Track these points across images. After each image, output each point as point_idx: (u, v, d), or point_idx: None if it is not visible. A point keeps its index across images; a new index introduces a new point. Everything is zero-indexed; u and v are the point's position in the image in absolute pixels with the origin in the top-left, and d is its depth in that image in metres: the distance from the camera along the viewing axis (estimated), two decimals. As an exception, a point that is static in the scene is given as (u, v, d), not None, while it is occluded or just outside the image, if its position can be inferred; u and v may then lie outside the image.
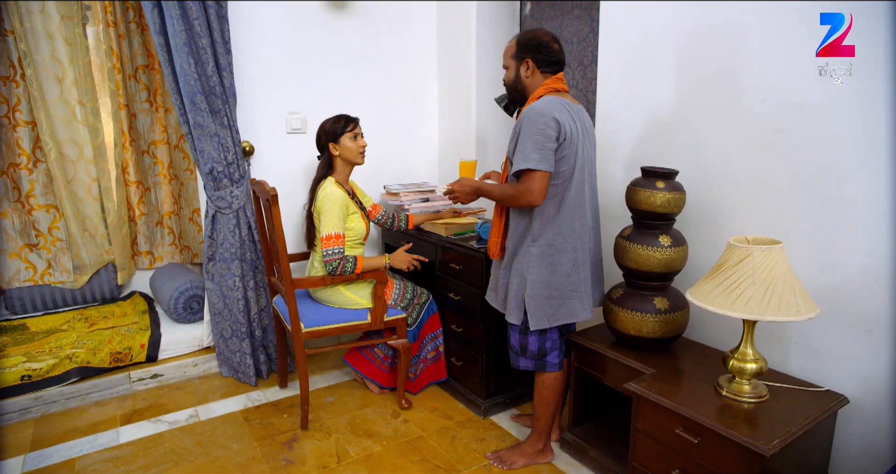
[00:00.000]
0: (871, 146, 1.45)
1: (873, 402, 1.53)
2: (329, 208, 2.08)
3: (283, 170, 2.71)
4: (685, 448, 1.50)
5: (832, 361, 1.61)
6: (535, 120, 1.64)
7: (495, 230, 1.86)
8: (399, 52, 2.98)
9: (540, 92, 1.74)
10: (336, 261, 2.09)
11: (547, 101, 1.69)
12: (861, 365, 1.54)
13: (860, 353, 1.54)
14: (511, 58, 1.79)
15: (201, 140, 2.37)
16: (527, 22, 2.88)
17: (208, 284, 2.59)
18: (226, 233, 2.48)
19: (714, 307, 1.45)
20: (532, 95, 1.76)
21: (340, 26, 2.76)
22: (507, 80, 1.83)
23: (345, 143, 2.17)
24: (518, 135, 1.68)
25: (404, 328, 2.33)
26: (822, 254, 1.59)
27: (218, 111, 2.36)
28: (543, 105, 1.67)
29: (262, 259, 2.58)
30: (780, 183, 1.66)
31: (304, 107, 2.73)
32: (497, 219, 1.85)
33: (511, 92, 1.83)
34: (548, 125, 1.63)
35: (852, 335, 1.55)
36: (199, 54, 2.27)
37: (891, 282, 1.46)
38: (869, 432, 1.54)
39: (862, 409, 1.54)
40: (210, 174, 2.42)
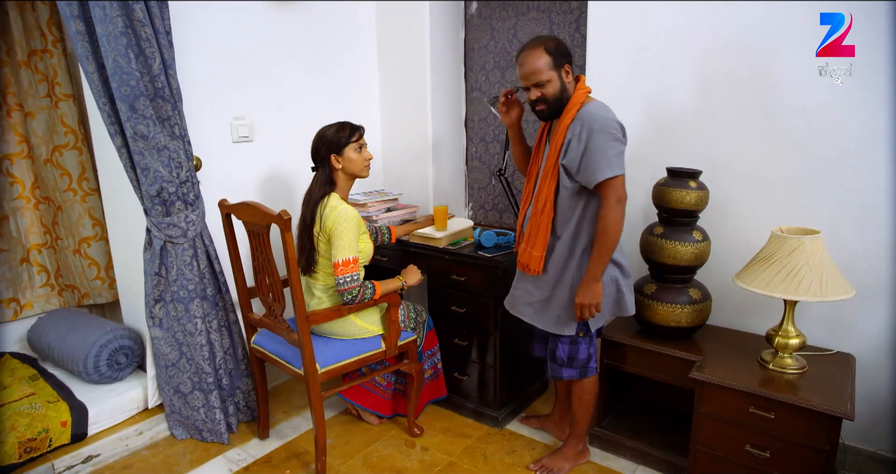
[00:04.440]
0: (870, 141, 1.73)
1: (872, 356, 1.84)
2: (346, 229, 1.82)
3: (232, 187, 2.30)
4: (758, 424, 1.65)
5: (835, 326, 1.88)
6: (607, 125, 1.63)
7: (540, 245, 1.80)
8: (345, 50, 2.72)
9: (581, 97, 1.72)
10: (356, 289, 1.84)
11: (602, 106, 1.69)
12: (861, 327, 1.84)
13: (860, 318, 1.84)
14: (550, 69, 1.68)
15: (145, 155, 1.89)
16: (473, 22, 2.83)
17: (154, 332, 2.10)
18: (180, 266, 2.03)
19: (780, 294, 1.60)
20: (573, 101, 1.72)
21: (286, 21, 2.42)
22: (551, 94, 1.71)
23: (349, 155, 1.92)
24: (587, 143, 1.64)
25: (416, 351, 2.15)
26: (827, 236, 1.84)
27: (167, 118, 1.91)
28: (604, 110, 1.67)
29: (225, 293, 2.17)
30: (781, 174, 1.89)
31: (250, 111, 2.34)
32: (543, 233, 1.78)
33: (556, 102, 1.73)
34: (617, 129, 1.65)
35: (853, 302, 1.83)
36: (143, 47, 1.80)
37: (886, 256, 1.76)
38: (868, 381, 1.85)
39: (862, 364, 1.84)
40: (158, 197, 1.95)
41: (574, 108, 1.70)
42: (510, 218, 2.94)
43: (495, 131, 2.88)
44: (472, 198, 3.08)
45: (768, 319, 1.98)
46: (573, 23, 2.50)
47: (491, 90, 2.85)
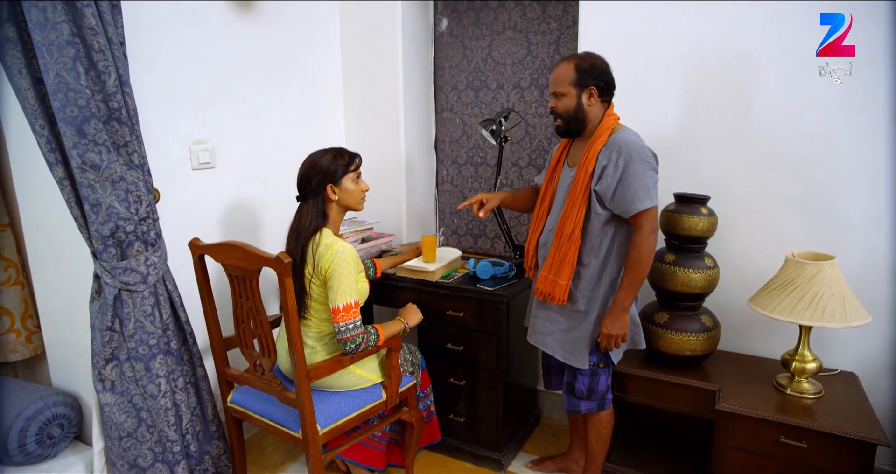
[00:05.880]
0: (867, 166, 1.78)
1: (869, 372, 1.89)
2: (346, 270, 1.61)
3: (193, 221, 2.00)
4: (789, 454, 1.62)
5: (833, 345, 1.93)
6: (643, 154, 1.58)
7: (566, 273, 1.69)
8: (312, 66, 2.49)
9: (611, 123, 1.66)
10: (359, 337, 1.63)
11: (636, 134, 1.65)
12: (858, 346, 1.89)
13: (857, 336, 1.89)
14: (570, 85, 1.65)
15: (96, 188, 1.57)
16: (443, 39, 2.71)
17: (105, 397, 1.75)
18: (139, 318, 1.71)
19: (805, 321, 1.60)
20: (603, 126, 1.66)
21: (249, 30, 2.16)
22: (564, 108, 1.68)
23: (347, 186, 1.71)
24: (624, 171, 1.57)
25: (416, 397, 1.96)
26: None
27: (125, 144, 1.60)
28: (638, 138, 1.63)
29: (192, 345, 1.86)
30: (778, 198, 1.92)
31: (212, 134, 2.05)
32: (570, 260, 1.68)
33: (570, 121, 1.69)
34: (653, 159, 1.61)
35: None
36: (95, 60, 1.49)
37: (880, 275, 1.83)
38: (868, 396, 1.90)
39: (861, 378, 1.89)
40: (112, 237, 1.62)
41: (604, 133, 1.64)
42: (486, 243, 2.82)
43: (468, 153, 2.76)
44: (442, 223, 2.94)
45: (771, 341, 2.00)
46: (552, 43, 2.45)
47: (464, 111, 2.73)
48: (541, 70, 2.50)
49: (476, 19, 2.60)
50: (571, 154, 1.78)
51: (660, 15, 2.01)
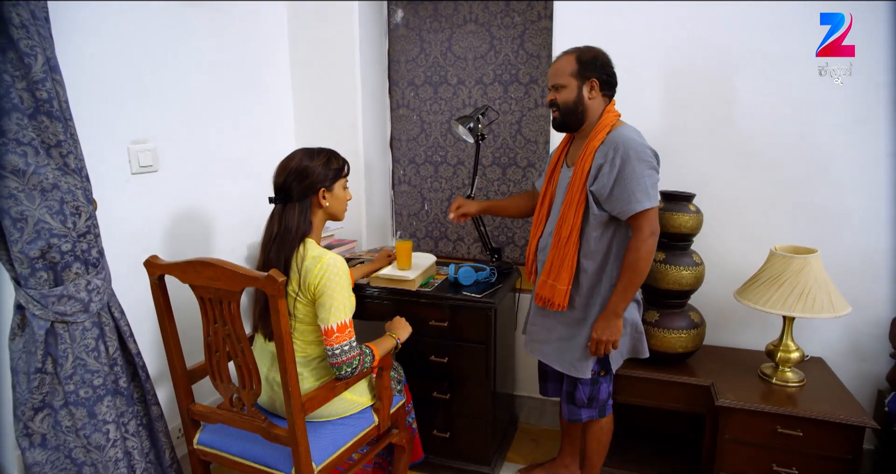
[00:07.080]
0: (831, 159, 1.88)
1: (833, 356, 2.00)
2: (340, 286, 1.42)
3: (133, 233, 1.70)
4: (785, 443, 1.66)
5: (802, 333, 2.02)
6: (642, 152, 1.52)
7: (565, 277, 1.61)
8: (260, 58, 2.24)
9: (611, 120, 1.59)
10: (355, 360, 1.44)
11: (636, 131, 1.58)
12: (822, 333, 2.00)
13: (822, 324, 1.99)
14: (571, 76, 1.57)
15: (20, 199, 1.26)
16: (398, 32, 2.55)
17: (33, 455, 1.42)
18: (80, 355, 1.41)
19: (798, 313, 1.64)
20: (602, 123, 1.59)
21: (193, 21, 1.88)
22: (563, 101, 1.60)
23: (338, 193, 1.52)
24: (620, 170, 1.51)
25: (405, 417, 1.80)
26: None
27: (58, 144, 1.30)
28: (638, 135, 1.56)
29: (145, 381, 1.57)
30: (759, 196, 1.97)
31: (152, 132, 1.75)
32: (568, 264, 1.60)
33: (568, 113, 1.61)
34: (653, 157, 1.55)
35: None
36: (15, 38, 1.19)
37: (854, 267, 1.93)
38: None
39: (829, 363, 2.00)
40: (42, 259, 1.32)
41: (603, 130, 1.57)
42: (448, 246, 2.71)
43: (427, 152, 2.63)
44: (400, 225, 2.78)
45: (748, 333, 2.06)
46: (517, 38, 2.38)
47: (422, 107, 2.59)
48: (504, 65, 2.42)
49: (434, 11, 2.47)
50: (571, 153, 1.71)
51: (638, 13, 1.99)
